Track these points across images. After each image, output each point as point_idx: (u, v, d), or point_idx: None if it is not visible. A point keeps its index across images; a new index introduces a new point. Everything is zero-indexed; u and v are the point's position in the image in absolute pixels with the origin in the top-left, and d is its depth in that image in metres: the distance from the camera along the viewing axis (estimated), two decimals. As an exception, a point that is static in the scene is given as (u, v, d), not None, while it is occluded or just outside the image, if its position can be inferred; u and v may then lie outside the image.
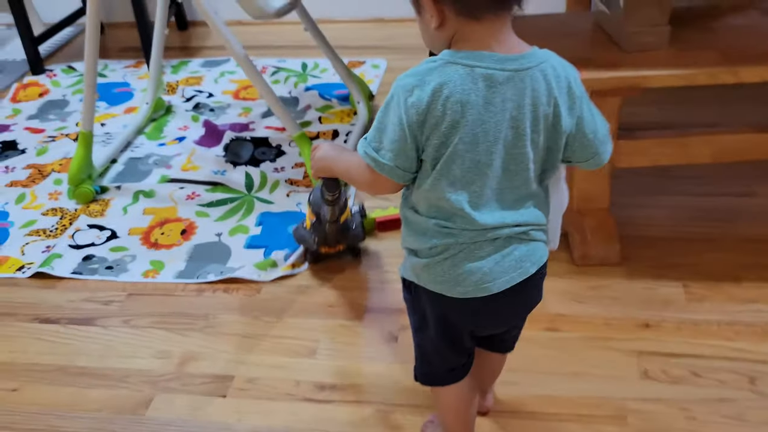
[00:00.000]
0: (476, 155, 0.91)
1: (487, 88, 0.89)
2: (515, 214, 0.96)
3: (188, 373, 1.45)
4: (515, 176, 0.94)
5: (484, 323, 1.06)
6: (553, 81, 0.92)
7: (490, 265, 0.96)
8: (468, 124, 0.89)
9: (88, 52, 1.88)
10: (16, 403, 1.42)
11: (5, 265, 1.77)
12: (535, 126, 0.92)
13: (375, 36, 2.85)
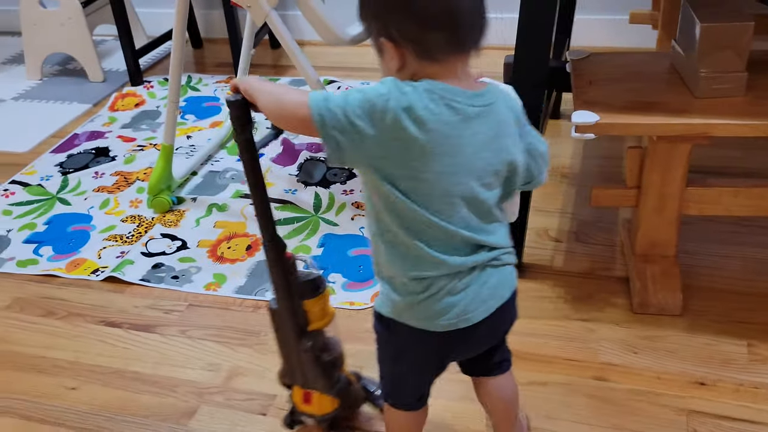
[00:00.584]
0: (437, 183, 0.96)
1: (461, 121, 0.94)
2: (483, 236, 0.99)
3: (234, 388, 1.49)
4: (480, 201, 0.98)
5: (465, 351, 1.09)
6: (510, 113, 1.00)
7: (470, 297, 0.99)
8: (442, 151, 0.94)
9: (172, 70, 1.97)
10: (73, 401, 1.50)
11: (82, 267, 1.88)
12: (502, 154, 0.98)
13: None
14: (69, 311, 1.74)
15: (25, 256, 1.94)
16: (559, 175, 2.10)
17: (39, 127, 2.62)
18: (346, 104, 0.92)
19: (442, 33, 0.93)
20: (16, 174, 2.33)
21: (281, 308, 1.22)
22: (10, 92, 2.91)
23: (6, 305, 1.78)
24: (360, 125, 0.91)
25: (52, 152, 2.45)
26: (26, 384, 1.55)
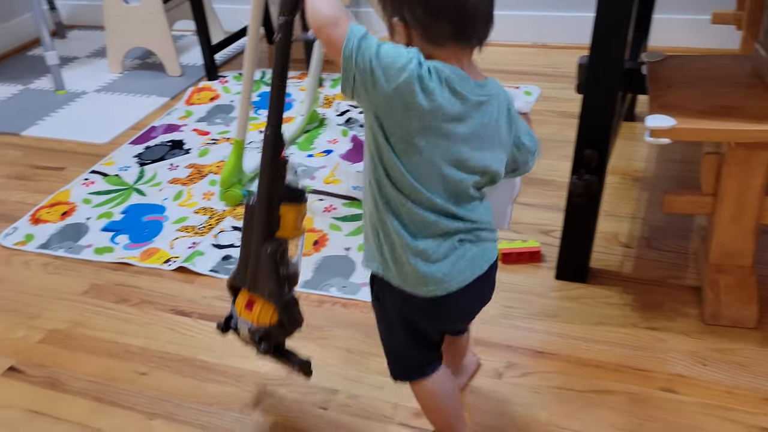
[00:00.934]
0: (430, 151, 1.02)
1: (462, 103, 1.01)
2: (466, 212, 1.07)
3: (296, 381, 1.52)
4: (463, 179, 1.05)
5: (446, 318, 1.16)
6: (504, 106, 1.07)
7: (447, 267, 1.07)
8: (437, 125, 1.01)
9: (246, 66, 2.01)
10: (143, 386, 1.55)
11: (155, 257, 1.94)
12: (493, 140, 1.06)
13: (533, 62, 2.81)
14: (141, 299, 1.80)
15: (102, 244, 2.02)
16: (632, 179, 2.05)
17: (119, 119, 2.71)
18: (375, 51, 0.97)
19: (450, 24, 0.99)
20: (96, 164, 2.42)
21: (258, 206, 1.22)
22: (92, 85, 3.02)
23: (83, 291, 1.85)
24: (378, 75, 0.97)
25: (130, 144, 2.53)
26: (99, 367, 1.61)
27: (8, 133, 2.70)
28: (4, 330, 1.74)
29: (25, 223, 2.15)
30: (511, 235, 1.86)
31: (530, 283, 1.72)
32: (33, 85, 3.09)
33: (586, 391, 1.42)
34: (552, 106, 2.48)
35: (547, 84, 2.62)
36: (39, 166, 2.47)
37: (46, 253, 2.00)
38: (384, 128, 1.01)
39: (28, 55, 3.42)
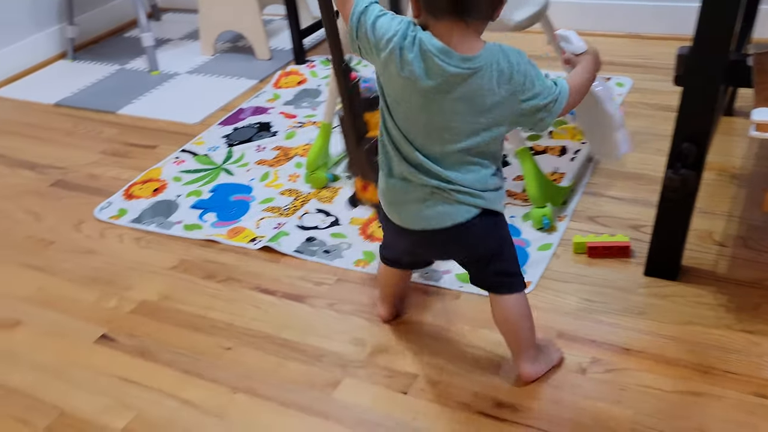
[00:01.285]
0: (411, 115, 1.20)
1: (437, 71, 1.14)
2: (440, 169, 1.21)
3: (377, 364, 1.53)
4: (440, 138, 1.20)
5: (420, 249, 1.39)
6: (495, 80, 1.15)
7: (411, 210, 1.28)
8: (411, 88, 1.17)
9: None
10: (228, 361, 1.58)
11: (241, 235, 1.98)
12: (476, 107, 1.16)
13: (626, 52, 2.73)
14: (228, 275, 1.84)
15: (191, 221, 2.07)
16: (729, 175, 1.97)
17: (209, 100, 2.77)
18: (372, 23, 1.18)
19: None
20: (186, 143, 2.49)
21: (346, 117, 1.63)
22: (185, 66, 3.10)
23: (173, 265, 1.90)
24: (373, 46, 1.18)
25: (219, 124, 2.59)
26: (187, 340, 1.65)
27: (105, 111, 2.80)
28: (98, 299, 1.82)
29: (119, 198, 2.23)
30: (600, 229, 1.82)
31: (617, 278, 1.67)
32: (128, 65, 3.19)
33: (674, 392, 1.38)
34: (644, 98, 2.40)
35: (639, 75, 2.55)
36: (132, 143, 2.55)
37: (138, 228, 2.07)
38: (383, 87, 1.21)
39: (124, 37, 3.54)
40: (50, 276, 1.92)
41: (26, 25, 3.25)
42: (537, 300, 1.63)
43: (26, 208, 2.24)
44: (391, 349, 1.56)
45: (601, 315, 1.58)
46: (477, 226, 1.27)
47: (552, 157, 2.13)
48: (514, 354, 1.43)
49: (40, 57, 3.31)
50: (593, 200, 1.94)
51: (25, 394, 1.56)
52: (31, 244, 2.06)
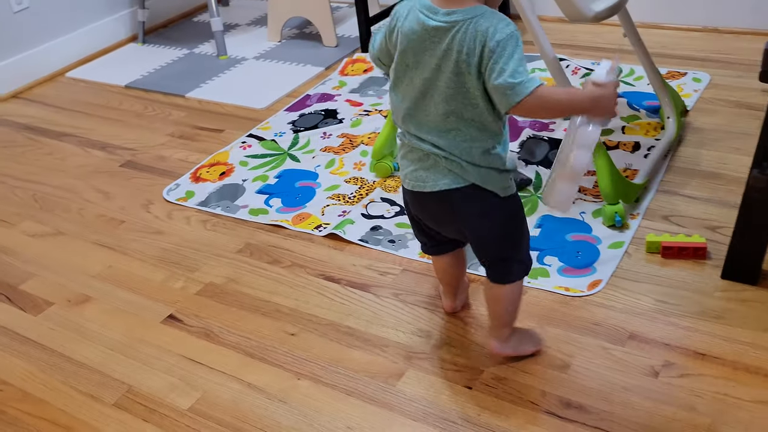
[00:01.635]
0: (402, 76, 1.25)
1: (421, 29, 1.20)
2: (432, 137, 1.25)
3: (442, 357, 1.51)
4: (430, 100, 1.22)
5: (419, 213, 1.39)
6: (468, 36, 1.16)
7: (407, 169, 1.32)
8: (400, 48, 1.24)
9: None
10: (292, 346, 1.59)
11: (306, 222, 1.98)
12: (452, 66, 1.18)
13: (703, 47, 2.64)
14: (293, 261, 1.84)
15: (257, 206, 2.08)
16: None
17: (275, 86, 2.78)
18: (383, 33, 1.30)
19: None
20: (253, 128, 2.50)
21: None
22: (252, 52, 3.12)
23: (239, 249, 1.92)
24: (387, 43, 1.30)
25: (286, 110, 2.60)
26: (251, 324, 1.66)
27: (174, 94, 2.84)
28: (165, 280, 1.84)
29: (186, 181, 2.25)
30: (674, 229, 1.77)
31: (692, 280, 1.62)
32: (197, 49, 3.23)
33: (753, 402, 1.33)
34: (723, 94, 2.32)
35: (717, 71, 2.46)
36: (200, 126, 2.58)
37: (205, 210, 2.09)
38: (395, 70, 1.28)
39: (193, 21, 3.58)
40: (120, 255, 1.95)
41: (100, 8, 3.31)
42: (608, 299, 1.59)
43: (97, 188, 2.28)
44: (457, 342, 1.54)
45: (675, 317, 1.53)
46: (463, 200, 1.28)
47: (625, 153, 2.07)
48: (490, 324, 1.47)
49: (112, 39, 3.37)
50: (667, 198, 1.88)
51: (94, 369, 1.59)
52: (102, 223, 2.10)
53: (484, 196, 1.28)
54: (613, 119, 2.24)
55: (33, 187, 2.34)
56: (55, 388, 1.56)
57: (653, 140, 2.11)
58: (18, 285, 1.89)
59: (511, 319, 1.43)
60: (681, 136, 2.12)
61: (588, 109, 1.22)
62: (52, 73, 3.15)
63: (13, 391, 1.57)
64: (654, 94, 2.28)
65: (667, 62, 2.53)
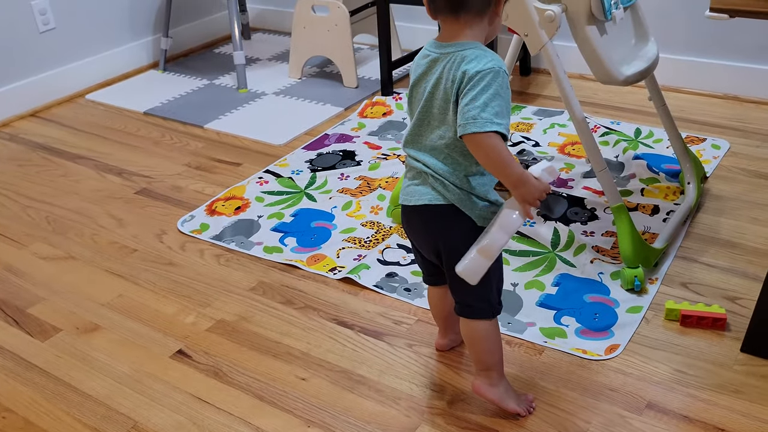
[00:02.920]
0: (408, 107, 1.36)
1: (425, 64, 1.30)
2: (424, 156, 1.32)
3: (455, 414, 1.48)
4: (427, 126, 1.31)
5: (411, 234, 1.43)
6: (455, 65, 1.24)
7: (404, 185, 1.38)
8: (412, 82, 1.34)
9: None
10: (302, 392, 1.56)
11: (321, 263, 1.96)
12: (442, 94, 1.27)
13: (724, 114, 2.66)
14: (306, 303, 1.82)
15: (271, 243, 2.07)
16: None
17: (294, 123, 2.79)
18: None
19: None
20: (270, 164, 2.50)
21: None
22: (272, 87, 3.13)
23: (251, 287, 1.90)
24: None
25: (303, 148, 2.60)
26: (262, 365, 1.64)
27: (192, 123, 2.85)
28: (176, 313, 1.82)
29: (202, 213, 2.24)
30: (693, 297, 1.75)
31: (711, 351, 1.60)
32: (217, 81, 3.24)
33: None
34: (741, 163, 2.33)
35: (737, 139, 2.47)
36: (217, 158, 2.58)
37: (219, 245, 2.08)
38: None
39: (214, 52, 3.61)
40: (131, 284, 1.93)
41: (124, 33, 3.34)
42: (625, 365, 1.57)
43: (111, 213, 2.27)
44: (471, 399, 1.51)
45: (693, 389, 1.50)
46: (440, 217, 1.32)
47: (644, 216, 2.07)
48: (474, 366, 1.48)
49: (133, 65, 3.39)
50: (686, 265, 1.87)
51: (99, 402, 1.57)
52: (114, 250, 2.09)
53: (460, 219, 1.32)
54: (632, 180, 2.24)
55: (46, 208, 2.32)
56: (58, 419, 1.53)
57: (672, 204, 2.10)
58: (26, 308, 1.86)
59: (492, 361, 1.43)
60: (700, 202, 2.11)
61: (514, 183, 1.24)
62: (71, 94, 3.16)
63: (15, 419, 1.53)
64: (673, 157, 2.29)
65: (686, 127, 2.54)
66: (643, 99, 2.66)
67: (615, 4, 1.74)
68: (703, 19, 2.62)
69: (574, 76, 2.91)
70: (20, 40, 2.96)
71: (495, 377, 1.44)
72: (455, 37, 1.27)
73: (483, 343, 1.42)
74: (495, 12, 1.28)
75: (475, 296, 1.38)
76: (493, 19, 1.29)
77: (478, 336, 1.41)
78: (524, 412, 1.46)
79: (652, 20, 2.02)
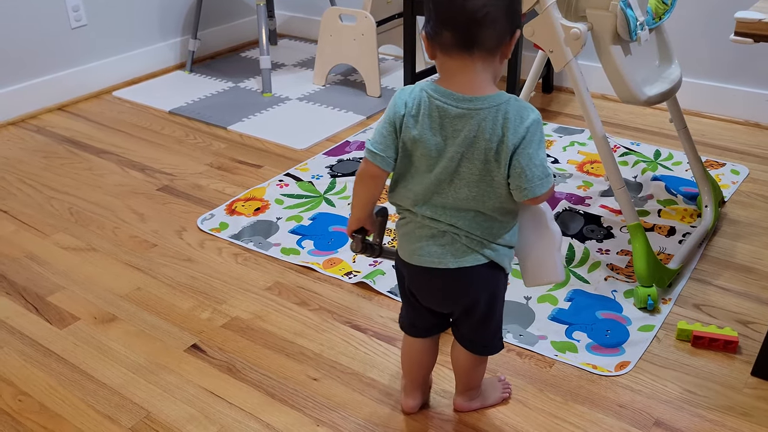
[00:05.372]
0: (419, 164, 1.22)
1: (440, 117, 1.18)
2: (450, 217, 1.23)
3: (463, 420, 1.50)
4: (449, 186, 1.21)
5: (413, 286, 1.34)
6: (498, 124, 1.16)
7: (414, 245, 1.28)
8: (421, 133, 1.20)
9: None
10: (313, 391, 1.58)
11: (337, 267, 1.99)
12: (481, 155, 1.18)
13: (744, 140, 2.66)
14: (320, 305, 1.85)
15: (289, 245, 2.10)
16: None
17: (316, 128, 2.82)
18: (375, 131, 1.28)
19: (451, 32, 1.14)
20: (291, 168, 2.53)
21: None
22: (296, 93, 3.17)
23: (267, 286, 1.92)
24: (396, 141, 1.25)
25: (324, 154, 2.63)
26: (275, 363, 1.66)
27: (216, 125, 2.89)
28: (192, 308, 1.84)
29: (221, 212, 2.27)
30: (705, 318, 1.76)
31: (721, 373, 1.61)
32: (242, 84, 3.29)
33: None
34: (760, 189, 2.33)
35: (756, 165, 2.47)
36: (239, 160, 2.61)
37: (237, 244, 2.11)
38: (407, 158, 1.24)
39: (241, 56, 3.65)
40: (150, 278, 1.96)
41: (153, 33, 3.39)
42: (635, 382, 1.58)
43: (133, 208, 2.31)
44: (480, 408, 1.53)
45: (702, 409, 1.51)
46: (481, 277, 1.28)
47: (659, 236, 2.08)
48: (456, 387, 1.50)
49: (160, 65, 3.45)
50: (700, 287, 1.88)
51: (114, 390, 1.59)
52: (134, 244, 2.12)
53: (497, 273, 1.30)
54: (649, 201, 2.25)
55: (69, 200, 2.36)
56: (73, 405, 1.56)
57: (689, 227, 2.11)
58: (46, 296, 1.90)
59: (479, 382, 1.49)
60: (717, 226, 2.12)
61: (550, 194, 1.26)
62: (99, 90, 3.22)
63: (31, 403, 1.56)
64: (691, 180, 2.30)
65: (706, 151, 2.55)
66: (664, 121, 2.68)
67: (641, 25, 1.76)
68: (726, 45, 2.64)
69: (596, 96, 2.92)
70: (52, 35, 3.02)
71: (475, 392, 1.50)
72: (474, 85, 1.17)
73: (480, 371, 1.47)
74: (504, 53, 1.18)
75: (492, 334, 1.40)
76: (501, 59, 1.19)
77: (478, 366, 1.45)
78: (507, 394, 1.54)
79: (676, 44, 2.04)
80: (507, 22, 1.15)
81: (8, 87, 2.94)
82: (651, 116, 2.81)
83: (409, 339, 1.45)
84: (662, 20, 1.87)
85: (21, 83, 2.97)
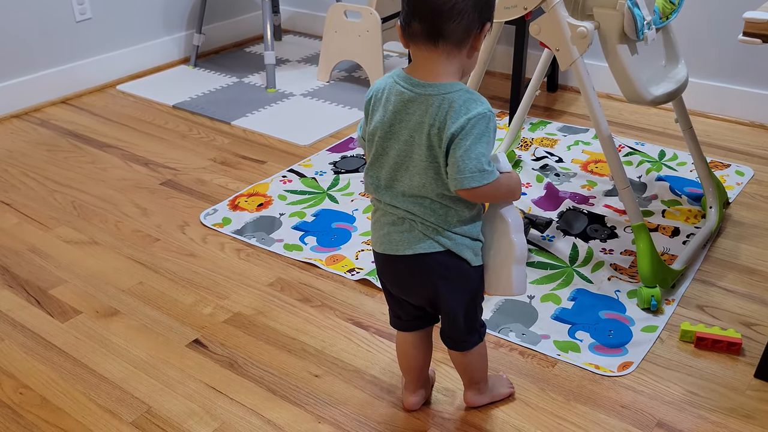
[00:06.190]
0: (379, 147, 1.25)
1: (397, 101, 1.21)
2: (407, 203, 1.25)
3: (464, 419, 1.49)
4: (405, 172, 1.23)
5: (382, 275, 1.38)
6: (442, 111, 1.17)
7: (377, 233, 1.31)
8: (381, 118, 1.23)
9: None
10: (315, 388, 1.58)
11: (339, 264, 1.98)
12: (426, 140, 1.19)
13: (749, 141, 2.65)
14: (323, 302, 1.84)
15: (292, 241, 2.09)
16: None
17: (320, 125, 2.82)
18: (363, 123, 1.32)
19: (419, 24, 1.16)
20: (295, 164, 2.53)
21: None
22: (300, 89, 3.17)
23: (270, 282, 1.92)
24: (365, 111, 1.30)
25: (328, 150, 2.62)
26: (276, 360, 1.65)
27: (219, 120, 2.88)
28: (194, 303, 1.84)
29: (224, 207, 2.27)
30: (709, 320, 1.75)
31: (724, 374, 1.60)
32: (246, 79, 3.28)
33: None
34: (765, 191, 2.32)
35: (761, 167, 2.46)
36: (242, 155, 2.61)
37: (240, 239, 2.11)
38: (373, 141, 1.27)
39: (245, 51, 3.65)
40: (152, 272, 1.96)
41: (158, 27, 3.39)
42: (637, 382, 1.57)
43: (136, 203, 2.30)
44: (481, 407, 1.52)
45: (704, 411, 1.50)
46: (436, 265, 1.27)
47: (663, 237, 2.07)
48: (463, 382, 1.51)
49: (164, 59, 3.44)
50: (703, 288, 1.87)
51: (115, 384, 1.59)
52: (137, 238, 2.12)
53: (457, 263, 1.28)
54: (654, 201, 2.24)
55: (72, 193, 2.36)
56: (74, 399, 1.55)
57: (693, 228, 2.11)
58: (48, 289, 1.90)
59: (483, 375, 1.49)
60: (721, 227, 2.11)
61: (515, 192, 1.27)
62: (103, 83, 3.22)
63: (32, 396, 1.56)
64: (695, 181, 2.29)
65: (711, 152, 2.54)
66: (669, 121, 2.67)
67: (647, 25, 1.75)
68: (733, 46, 2.63)
69: (602, 95, 2.91)
70: (56, 28, 3.01)
71: (483, 385, 1.50)
72: (433, 73, 1.19)
73: (476, 364, 1.46)
74: (474, 45, 1.19)
75: (466, 331, 1.39)
76: (471, 53, 1.20)
77: (472, 361, 1.45)
78: (512, 389, 1.55)
79: (683, 44, 2.03)
80: (475, 15, 1.16)
81: (12, 79, 2.94)
82: (656, 116, 2.80)
83: (401, 334, 1.46)
84: (669, 20, 1.87)
85: (25, 76, 2.97)
